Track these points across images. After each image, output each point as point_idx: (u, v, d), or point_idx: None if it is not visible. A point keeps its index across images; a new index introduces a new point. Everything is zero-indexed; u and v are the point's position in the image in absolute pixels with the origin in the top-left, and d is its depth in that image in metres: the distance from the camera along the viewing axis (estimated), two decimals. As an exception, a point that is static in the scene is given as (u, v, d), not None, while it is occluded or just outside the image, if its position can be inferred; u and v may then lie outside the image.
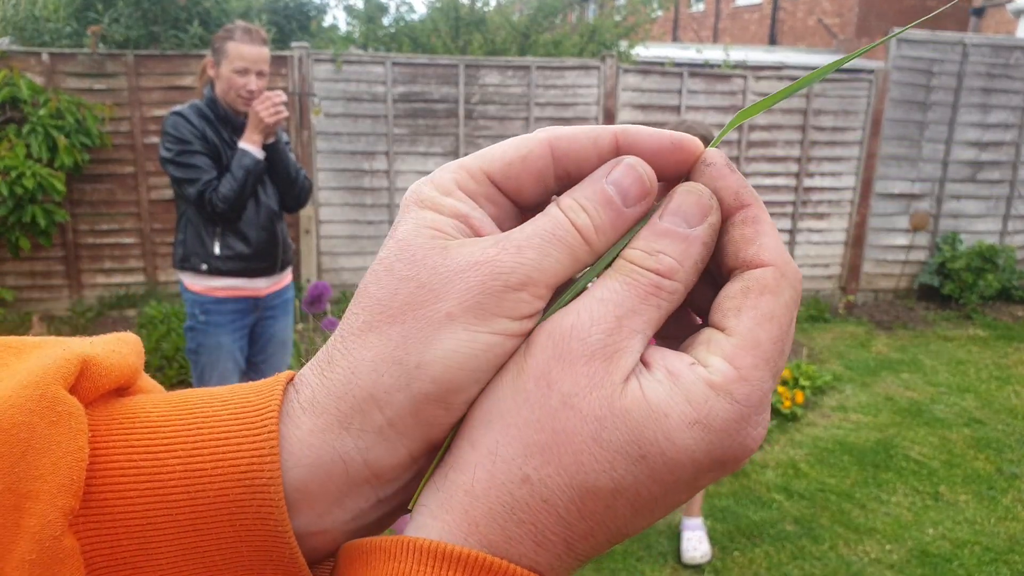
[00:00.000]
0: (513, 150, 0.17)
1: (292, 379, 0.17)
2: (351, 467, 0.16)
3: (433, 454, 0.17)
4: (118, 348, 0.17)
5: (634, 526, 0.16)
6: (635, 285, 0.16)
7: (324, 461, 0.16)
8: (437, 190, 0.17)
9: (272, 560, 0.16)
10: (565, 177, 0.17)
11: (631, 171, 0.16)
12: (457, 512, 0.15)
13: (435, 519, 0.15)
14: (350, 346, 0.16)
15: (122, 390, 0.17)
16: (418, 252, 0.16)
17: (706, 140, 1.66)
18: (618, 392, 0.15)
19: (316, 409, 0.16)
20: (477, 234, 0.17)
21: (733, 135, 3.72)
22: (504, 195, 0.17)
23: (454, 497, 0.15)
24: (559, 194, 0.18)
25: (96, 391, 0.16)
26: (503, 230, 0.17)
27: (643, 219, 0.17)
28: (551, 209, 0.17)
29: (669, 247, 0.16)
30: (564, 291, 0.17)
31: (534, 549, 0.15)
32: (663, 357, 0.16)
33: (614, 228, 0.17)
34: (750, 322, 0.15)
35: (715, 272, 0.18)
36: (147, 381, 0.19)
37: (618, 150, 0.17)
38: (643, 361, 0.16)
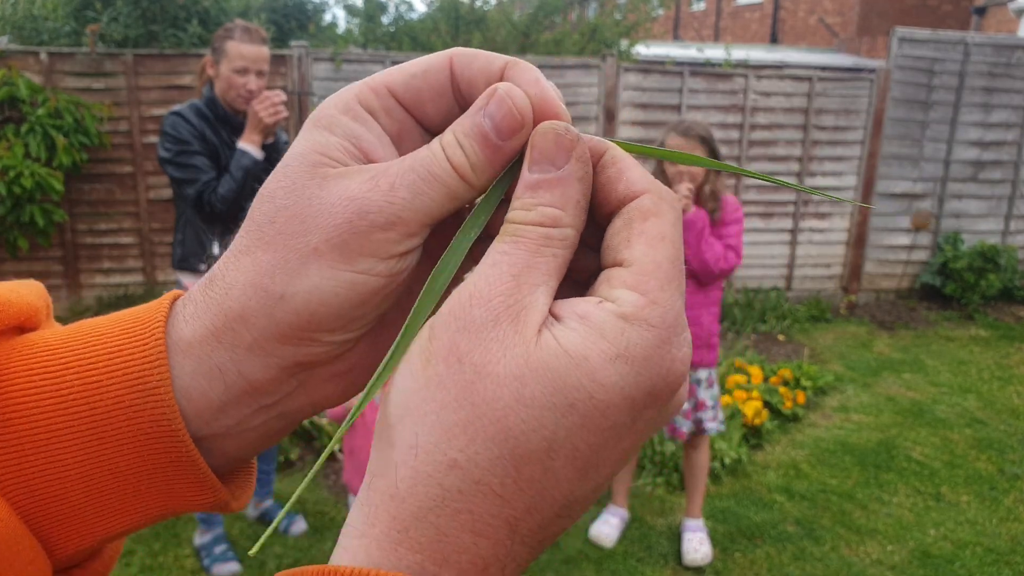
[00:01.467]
0: (415, 65, 0.17)
1: (179, 296, 0.18)
2: (227, 377, 0.17)
3: (307, 370, 0.17)
4: (17, 289, 0.18)
5: (582, 490, 0.15)
6: (523, 242, 0.15)
7: (203, 369, 0.17)
8: (336, 108, 0.17)
9: (172, 461, 0.17)
10: (463, 99, 0.17)
11: (503, 104, 0.16)
12: (383, 521, 0.14)
13: (361, 537, 0.14)
14: (228, 267, 0.17)
15: (24, 329, 0.18)
16: (298, 180, 0.16)
17: (705, 140, 1.65)
18: (532, 347, 0.14)
19: (196, 323, 0.17)
20: (367, 158, 0.17)
21: (735, 134, 3.70)
22: (407, 111, 0.17)
23: (379, 506, 0.14)
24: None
25: None
26: (404, 148, 0.17)
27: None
28: (433, 144, 0.16)
29: (545, 196, 0.15)
30: (448, 228, 0.17)
31: (473, 540, 0.14)
32: (571, 305, 0.15)
33: (491, 164, 0.16)
34: (643, 247, 0.15)
35: (602, 224, 0.17)
36: (56, 326, 0.19)
37: (504, 78, 0.17)
38: (552, 314, 0.15)
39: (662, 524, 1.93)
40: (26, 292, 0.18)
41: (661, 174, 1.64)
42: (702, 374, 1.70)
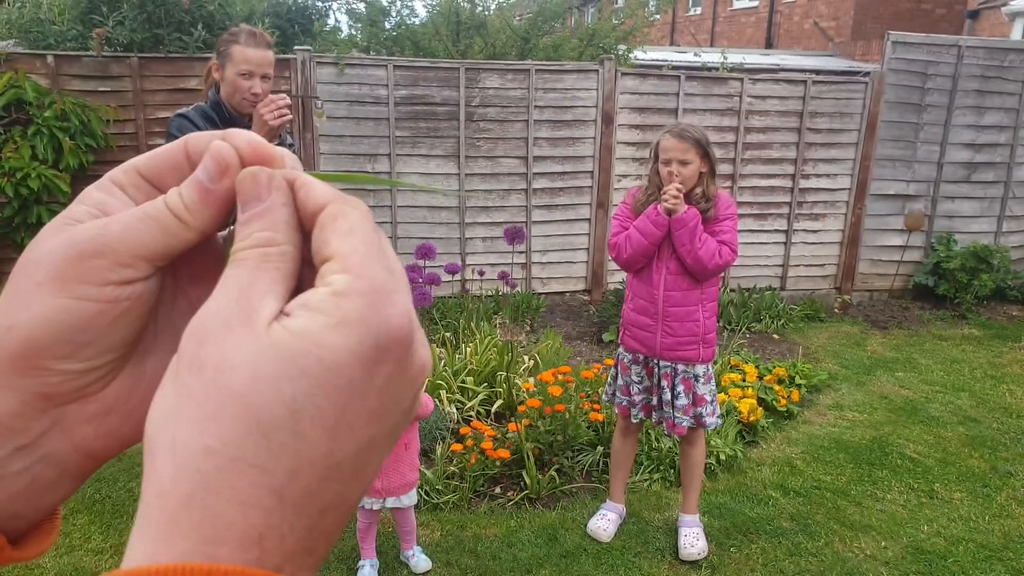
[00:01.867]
0: (158, 150, 0.20)
1: None
2: None
3: (55, 406, 0.18)
4: None
5: (343, 451, 0.15)
6: (245, 263, 0.17)
7: None
8: (94, 187, 0.20)
9: None
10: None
11: (211, 154, 0.18)
12: (154, 519, 0.15)
13: (138, 542, 0.15)
14: None
15: None
16: (42, 236, 0.18)
17: (699, 143, 1.67)
18: (264, 335, 0.15)
19: None
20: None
21: (730, 137, 3.75)
22: (152, 186, 0.20)
23: (150, 507, 0.15)
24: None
25: None
26: None
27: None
28: (158, 198, 0.19)
29: (257, 225, 0.17)
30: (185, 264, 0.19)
31: (242, 512, 0.14)
32: (295, 301, 0.16)
33: (204, 202, 0.18)
34: (338, 241, 0.17)
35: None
36: None
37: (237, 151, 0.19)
38: (282, 313, 0.16)
39: (659, 519, 1.96)
40: None
41: (656, 175, 1.67)
42: (699, 370, 1.70)
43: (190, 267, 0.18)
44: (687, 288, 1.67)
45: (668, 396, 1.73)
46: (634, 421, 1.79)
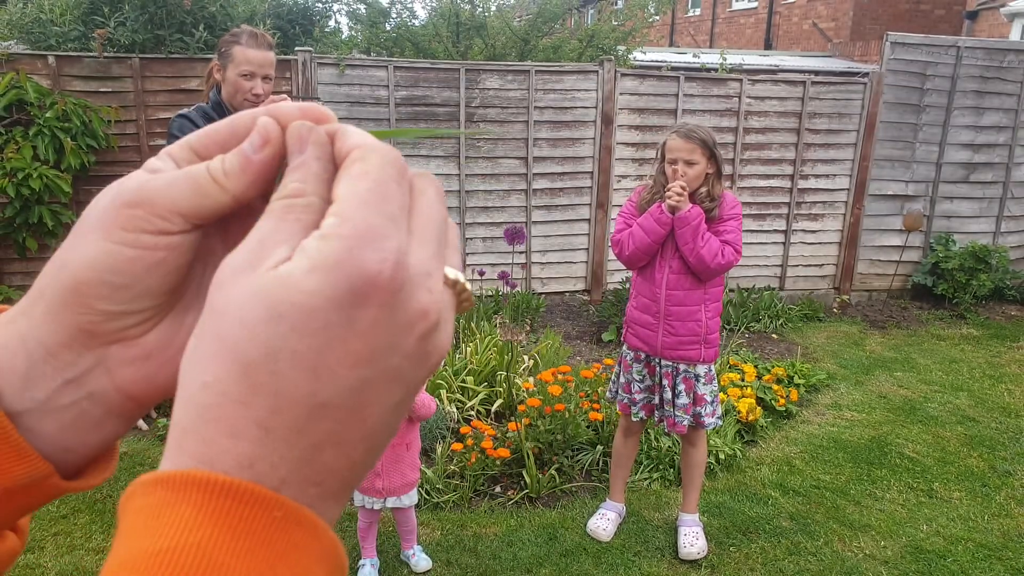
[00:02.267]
0: (208, 128, 0.21)
1: None
2: (28, 344, 0.19)
3: (99, 344, 0.20)
4: None
5: (326, 391, 0.16)
6: (270, 214, 0.18)
7: (8, 339, 0.20)
8: (154, 157, 0.21)
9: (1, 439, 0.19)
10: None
11: (256, 129, 0.19)
12: (172, 443, 0.17)
13: (164, 460, 0.17)
14: None
15: None
16: (102, 191, 0.20)
17: (705, 143, 1.67)
18: (256, 280, 0.16)
19: (14, 306, 0.20)
20: None
21: (729, 138, 3.76)
22: (202, 159, 0.20)
23: (171, 435, 0.17)
24: None
25: None
26: None
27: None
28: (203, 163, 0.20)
29: (290, 178, 0.18)
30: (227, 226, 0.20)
31: (231, 442, 0.16)
32: (300, 245, 0.17)
33: (243, 169, 0.19)
34: (345, 182, 0.17)
35: None
36: None
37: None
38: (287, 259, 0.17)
39: (658, 519, 1.96)
40: None
41: (661, 175, 1.68)
42: (700, 369, 1.70)
43: (243, 232, 0.19)
44: (689, 287, 1.66)
45: (668, 395, 1.73)
46: (634, 420, 1.79)
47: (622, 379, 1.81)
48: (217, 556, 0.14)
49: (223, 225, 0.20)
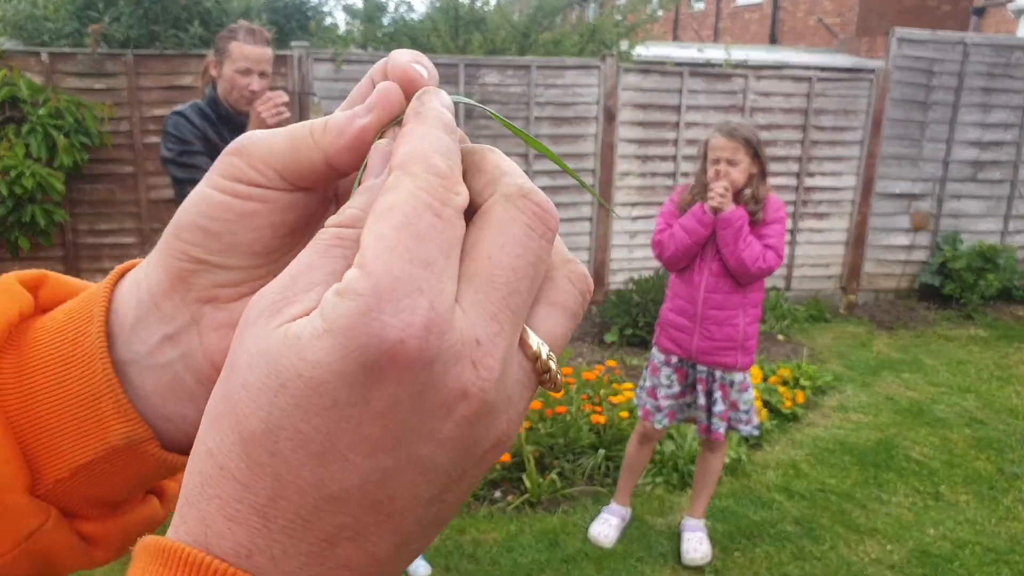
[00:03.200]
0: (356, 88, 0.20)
1: None
2: (140, 290, 0.20)
3: (195, 299, 0.20)
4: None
5: (340, 483, 0.14)
6: (317, 243, 0.16)
7: (129, 285, 0.20)
8: None
9: (99, 383, 0.19)
10: None
11: (376, 89, 0.18)
12: (177, 509, 0.15)
13: (171, 526, 0.15)
14: None
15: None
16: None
17: (749, 142, 1.60)
18: (269, 335, 0.14)
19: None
20: None
21: (734, 135, 3.70)
22: None
23: (180, 498, 0.15)
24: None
25: (51, 297, 0.21)
26: None
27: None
28: None
29: (354, 201, 0.16)
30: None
31: (228, 526, 0.14)
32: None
33: (340, 132, 0.17)
34: (371, 223, 0.14)
35: None
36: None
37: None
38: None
39: (662, 524, 1.93)
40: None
41: (703, 174, 1.62)
42: (737, 377, 1.66)
43: None
44: (729, 291, 1.62)
45: (703, 401, 1.68)
46: (657, 427, 1.73)
47: (648, 383, 1.76)
48: None
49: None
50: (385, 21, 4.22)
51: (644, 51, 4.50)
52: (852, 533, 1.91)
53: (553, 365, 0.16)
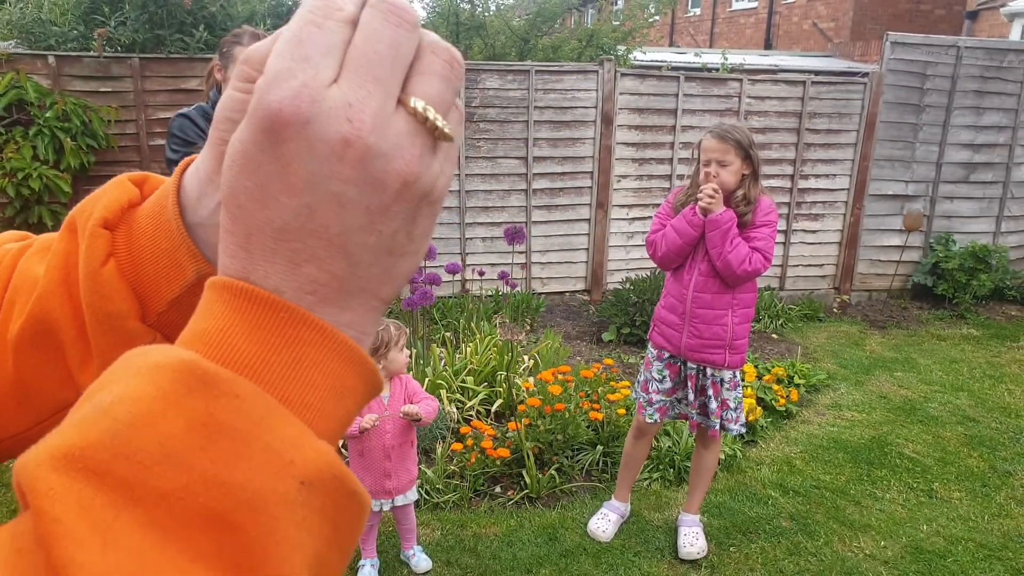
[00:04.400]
0: None
1: None
2: (200, 171, 0.25)
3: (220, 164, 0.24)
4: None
5: (282, 218, 0.19)
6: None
7: (192, 171, 0.26)
8: None
9: (176, 244, 0.26)
10: None
11: None
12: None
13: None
14: None
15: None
16: None
17: (740, 144, 1.61)
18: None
19: None
20: None
21: (730, 138, 3.74)
22: None
23: None
24: None
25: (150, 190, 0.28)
26: None
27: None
28: None
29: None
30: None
31: (228, 261, 0.20)
32: None
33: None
34: (274, 47, 0.19)
35: None
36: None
37: None
38: None
39: (659, 519, 1.96)
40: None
41: (697, 175, 1.65)
42: (726, 375, 1.68)
43: None
44: (717, 291, 1.63)
45: (691, 397, 1.71)
46: (648, 421, 1.76)
47: (642, 377, 1.80)
48: (233, 340, 0.18)
49: None
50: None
51: (641, 56, 4.54)
52: (846, 529, 1.93)
53: (431, 115, 0.20)
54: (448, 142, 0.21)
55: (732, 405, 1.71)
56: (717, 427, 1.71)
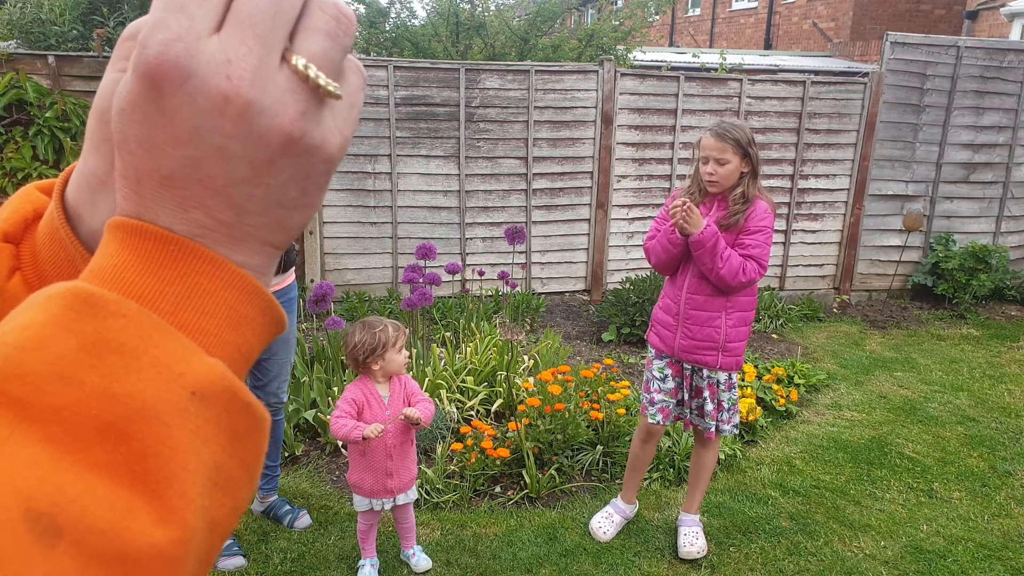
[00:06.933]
0: None
1: None
2: (91, 178, 0.25)
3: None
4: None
5: (168, 166, 0.19)
6: None
7: (82, 174, 0.26)
8: None
9: (71, 254, 0.25)
10: None
11: None
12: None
13: None
14: None
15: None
16: None
17: (739, 143, 1.61)
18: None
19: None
20: None
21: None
22: None
23: None
24: None
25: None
26: None
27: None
28: None
29: None
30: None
31: (125, 203, 0.20)
32: None
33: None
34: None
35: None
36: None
37: None
38: None
39: (659, 519, 1.96)
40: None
41: (697, 173, 1.64)
42: (721, 376, 1.68)
43: None
44: (711, 294, 1.63)
45: (685, 396, 1.72)
46: (650, 421, 1.75)
47: (645, 376, 1.80)
48: (127, 274, 0.19)
49: None
50: (387, 26, 4.26)
51: (641, 56, 4.55)
52: (846, 529, 1.93)
53: (312, 73, 0.19)
54: (336, 99, 0.20)
55: (726, 406, 1.71)
56: (713, 429, 1.71)
